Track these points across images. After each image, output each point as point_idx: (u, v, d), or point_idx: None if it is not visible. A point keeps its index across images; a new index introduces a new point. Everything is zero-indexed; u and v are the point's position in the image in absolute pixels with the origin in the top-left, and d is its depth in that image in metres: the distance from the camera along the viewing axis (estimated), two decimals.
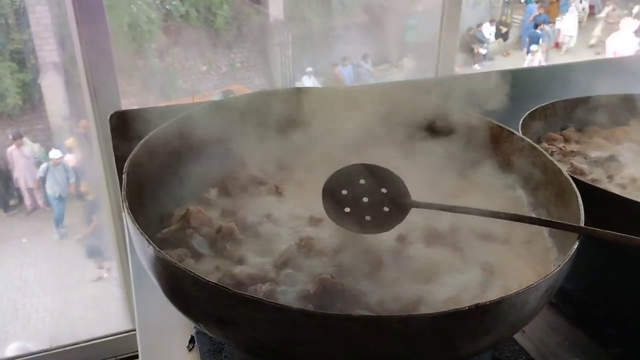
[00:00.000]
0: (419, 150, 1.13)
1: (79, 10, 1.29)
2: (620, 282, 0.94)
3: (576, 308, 1.00)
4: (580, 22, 9.80)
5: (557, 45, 9.64)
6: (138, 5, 7.33)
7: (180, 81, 7.98)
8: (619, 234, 0.72)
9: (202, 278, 0.63)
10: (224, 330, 0.66)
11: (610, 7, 9.63)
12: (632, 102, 1.29)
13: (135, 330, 1.79)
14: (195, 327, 0.97)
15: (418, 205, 0.86)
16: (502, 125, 1.07)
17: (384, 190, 0.85)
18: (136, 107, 1.31)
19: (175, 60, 7.98)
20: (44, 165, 5.07)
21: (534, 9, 9.95)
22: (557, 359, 0.95)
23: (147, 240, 0.69)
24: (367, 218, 0.86)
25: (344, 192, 0.86)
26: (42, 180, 5.06)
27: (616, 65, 1.59)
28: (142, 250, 0.73)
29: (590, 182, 0.98)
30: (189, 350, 0.96)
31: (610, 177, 1.08)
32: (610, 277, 0.95)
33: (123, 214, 1.37)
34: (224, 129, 1.09)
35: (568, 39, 9.59)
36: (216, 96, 7.38)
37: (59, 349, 2.04)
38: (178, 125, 1.01)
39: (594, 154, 1.17)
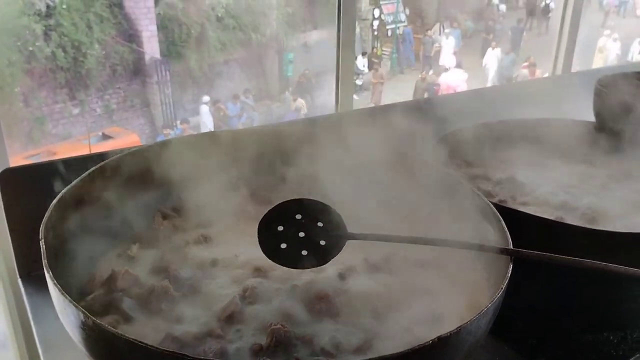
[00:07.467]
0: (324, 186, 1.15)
1: None
2: (535, 295, 1.01)
3: (498, 323, 1.05)
4: None
5: None
6: None
7: (50, 126, 7.47)
8: (548, 254, 0.78)
9: (156, 348, 0.58)
10: None
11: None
12: (519, 126, 1.42)
13: None
14: None
15: (354, 236, 0.86)
16: (411, 153, 1.11)
17: (320, 224, 0.85)
18: (28, 163, 1.21)
19: (42, 104, 7.47)
20: None
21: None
22: None
23: (85, 313, 0.62)
24: (304, 252, 0.85)
25: (280, 228, 0.84)
26: None
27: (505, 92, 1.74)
28: (75, 324, 0.66)
29: (499, 203, 1.06)
30: None
31: (513, 197, 1.17)
32: (526, 291, 1.01)
33: (19, 280, 1.25)
34: (137, 182, 1.04)
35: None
36: (92, 139, 7.00)
37: None
38: (89, 182, 0.94)
39: (496, 176, 1.26)
